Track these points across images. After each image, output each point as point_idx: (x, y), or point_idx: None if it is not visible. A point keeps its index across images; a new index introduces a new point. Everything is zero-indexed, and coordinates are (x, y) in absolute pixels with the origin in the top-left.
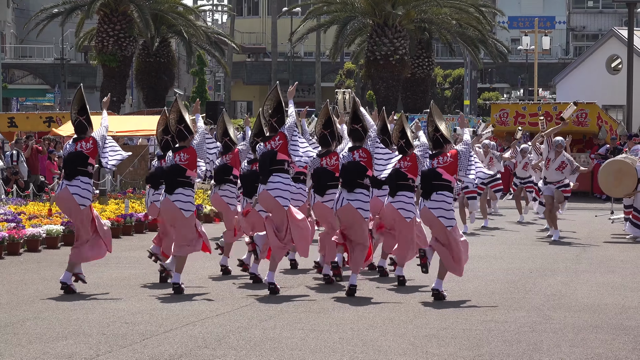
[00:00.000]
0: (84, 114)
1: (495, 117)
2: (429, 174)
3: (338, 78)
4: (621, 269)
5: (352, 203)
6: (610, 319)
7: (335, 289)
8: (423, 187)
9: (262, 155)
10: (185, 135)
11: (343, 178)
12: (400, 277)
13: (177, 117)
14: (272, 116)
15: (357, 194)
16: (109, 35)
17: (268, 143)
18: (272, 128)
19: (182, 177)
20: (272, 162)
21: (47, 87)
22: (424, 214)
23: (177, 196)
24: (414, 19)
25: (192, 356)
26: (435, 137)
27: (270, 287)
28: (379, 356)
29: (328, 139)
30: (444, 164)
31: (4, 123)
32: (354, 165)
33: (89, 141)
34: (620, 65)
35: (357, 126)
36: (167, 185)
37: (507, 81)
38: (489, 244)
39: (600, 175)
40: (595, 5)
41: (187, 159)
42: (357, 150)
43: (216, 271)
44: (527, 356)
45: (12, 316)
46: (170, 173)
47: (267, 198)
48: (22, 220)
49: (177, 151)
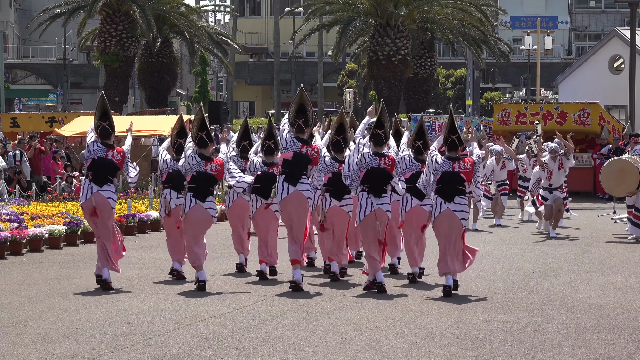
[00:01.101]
0: (107, 120)
1: (497, 117)
2: (455, 177)
3: (340, 78)
4: (624, 269)
5: (381, 207)
6: (613, 319)
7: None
8: (446, 190)
9: (300, 158)
10: (206, 143)
11: (370, 184)
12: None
13: (199, 125)
14: (299, 117)
15: (383, 198)
16: (111, 36)
17: (305, 147)
18: (300, 128)
19: (213, 186)
20: (305, 167)
21: (50, 87)
22: (446, 215)
23: (209, 204)
24: (416, 19)
25: (195, 356)
26: (450, 139)
27: (292, 284)
28: (381, 356)
29: (341, 144)
30: (465, 170)
31: (6, 123)
32: (380, 172)
33: (120, 153)
34: (622, 65)
35: (380, 132)
36: (200, 192)
37: (509, 81)
38: (491, 244)
39: (602, 175)
40: (597, 5)
41: (218, 170)
42: (383, 157)
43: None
44: (529, 356)
45: (15, 316)
46: (206, 181)
47: (300, 199)
48: (24, 220)
49: (208, 160)
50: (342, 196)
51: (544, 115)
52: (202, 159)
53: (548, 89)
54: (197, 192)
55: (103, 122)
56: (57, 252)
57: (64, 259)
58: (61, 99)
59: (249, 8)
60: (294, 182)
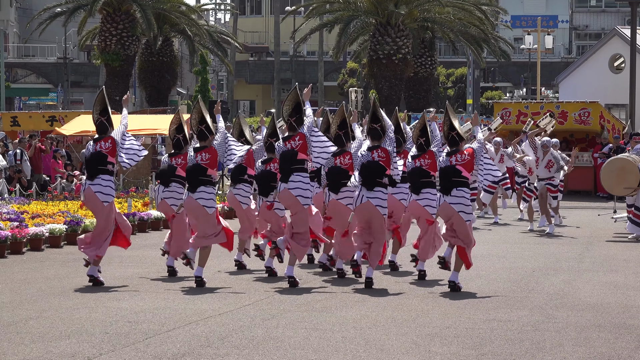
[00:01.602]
0: (106, 115)
1: (497, 116)
2: (449, 171)
3: (341, 77)
4: (624, 268)
5: (371, 200)
6: (613, 318)
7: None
8: (443, 183)
9: (283, 154)
10: (206, 135)
11: (362, 177)
12: (422, 271)
13: (199, 118)
14: (292, 116)
15: (376, 192)
16: (111, 35)
17: (288, 142)
18: (291, 127)
19: (204, 175)
20: (292, 161)
21: (50, 86)
22: (443, 208)
23: (199, 194)
24: (416, 17)
25: (195, 355)
26: (450, 135)
27: (290, 280)
28: (381, 355)
29: (342, 139)
30: (463, 161)
31: (7, 122)
32: (373, 165)
33: (107, 140)
34: (623, 64)
35: (376, 125)
36: (190, 183)
37: (509, 80)
38: (491, 243)
39: (602, 173)
40: (598, 4)
41: (208, 159)
42: (376, 149)
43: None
44: (529, 355)
45: (15, 315)
46: (193, 172)
47: (289, 196)
48: (25, 219)
49: (198, 151)
50: (339, 189)
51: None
52: (195, 151)
53: (548, 88)
54: (189, 183)
55: (102, 116)
56: (58, 251)
57: (65, 257)
58: (61, 98)
59: (249, 7)
60: (285, 179)
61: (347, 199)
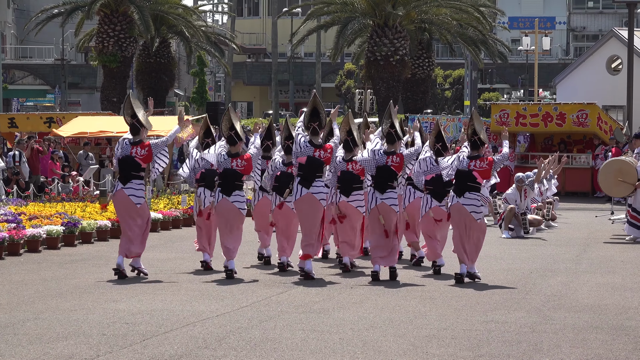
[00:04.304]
0: (136, 117)
1: (495, 118)
2: (465, 175)
3: (338, 79)
4: (621, 270)
5: (385, 202)
6: (611, 320)
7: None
8: (457, 185)
9: (313, 161)
10: (235, 141)
11: (376, 180)
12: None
13: (229, 125)
14: (313, 121)
15: (388, 193)
16: (109, 36)
17: (318, 150)
18: (314, 131)
19: (239, 180)
20: (318, 169)
21: (48, 87)
22: (456, 209)
23: (235, 197)
24: (414, 19)
25: (193, 356)
26: (473, 140)
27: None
28: (379, 357)
29: (350, 145)
30: (481, 168)
31: (4, 123)
32: (386, 171)
33: (144, 147)
34: (620, 66)
35: (392, 131)
36: (226, 188)
37: (507, 82)
38: (489, 245)
39: (600, 175)
40: (595, 5)
41: (244, 166)
42: (392, 155)
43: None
44: (527, 357)
45: (13, 317)
46: (232, 177)
47: (312, 200)
48: (22, 220)
49: (234, 157)
50: (350, 192)
51: (543, 117)
52: (229, 157)
53: (546, 90)
54: (223, 187)
55: (133, 119)
56: (55, 252)
57: (62, 259)
58: (59, 100)
59: (247, 8)
60: (307, 184)
61: (357, 201)
